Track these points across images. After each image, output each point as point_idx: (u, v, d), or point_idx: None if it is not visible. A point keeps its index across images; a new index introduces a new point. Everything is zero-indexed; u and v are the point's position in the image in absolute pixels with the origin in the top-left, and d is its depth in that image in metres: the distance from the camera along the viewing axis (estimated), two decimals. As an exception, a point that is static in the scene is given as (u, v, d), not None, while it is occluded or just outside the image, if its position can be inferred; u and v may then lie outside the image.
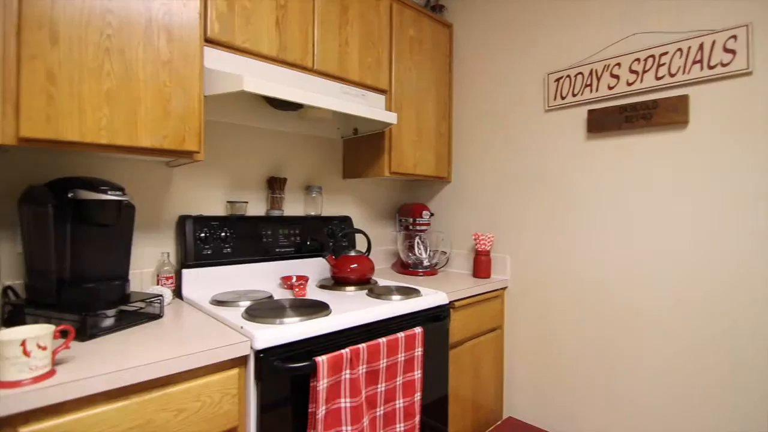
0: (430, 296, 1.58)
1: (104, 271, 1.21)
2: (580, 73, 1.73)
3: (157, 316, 1.24)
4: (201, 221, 1.55)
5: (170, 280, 1.48)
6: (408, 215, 2.18)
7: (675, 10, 1.51)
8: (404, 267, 2.15)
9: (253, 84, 1.27)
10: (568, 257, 1.82)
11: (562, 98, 1.79)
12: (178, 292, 1.52)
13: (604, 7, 1.69)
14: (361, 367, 1.20)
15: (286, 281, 1.67)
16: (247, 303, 1.35)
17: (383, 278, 1.97)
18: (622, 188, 1.65)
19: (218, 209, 1.68)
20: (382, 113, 1.68)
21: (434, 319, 1.57)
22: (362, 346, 1.21)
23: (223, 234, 1.59)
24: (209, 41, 1.33)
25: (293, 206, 1.93)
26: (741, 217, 1.39)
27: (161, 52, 1.19)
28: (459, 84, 2.24)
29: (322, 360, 1.10)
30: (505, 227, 2.04)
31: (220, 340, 1.05)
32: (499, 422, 1.94)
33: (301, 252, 1.83)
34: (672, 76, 1.49)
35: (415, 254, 2.14)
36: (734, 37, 1.37)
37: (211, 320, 1.23)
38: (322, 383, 1.09)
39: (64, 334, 0.90)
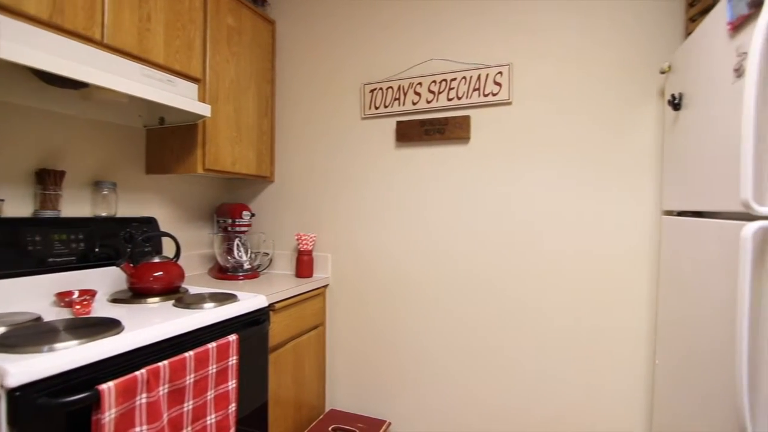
0: (248, 300, 1.51)
1: None
2: (391, 87, 1.91)
3: None
4: None
5: None
6: (226, 216, 2.05)
7: (463, 43, 1.81)
8: (222, 271, 2.01)
9: (6, 49, 1.00)
10: (380, 253, 1.99)
11: (376, 108, 1.95)
12: None
13: (409, 29, 1.91)
14: (162, 388, 1.07)
15: (63, 298, 1.37)
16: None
17: (197, 285, 1.80)
18: (426, 191, 1.89)
19: (-47, 209, 1.27)
20: (191, 103, 1.53)
21: (253, 323, 1.51)
22: (163, 363, 1.08)
23: (-40, 242, 1.20)
24: (-68, -17, 0.99)
25: (76, 206, 1.59)
26: (505, 211, 1.75)
27: None
28: (282, 82, 2.21)
29: (107, 387, 0.93)
30: (327, 227, 2.11)
31: (-54, 384, 0.79)
32: (321, 416, 1.99)
33: (87, 261, 1.53)
34: (459, 99, 1.78)
35: (234, 257, 2.02)
36: (501, 73, 1.72)
37: (-66, 359, 0.92)
38: (109, 414, 0.93)
39: None
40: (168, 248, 1.90)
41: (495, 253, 1.77)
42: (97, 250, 1.56)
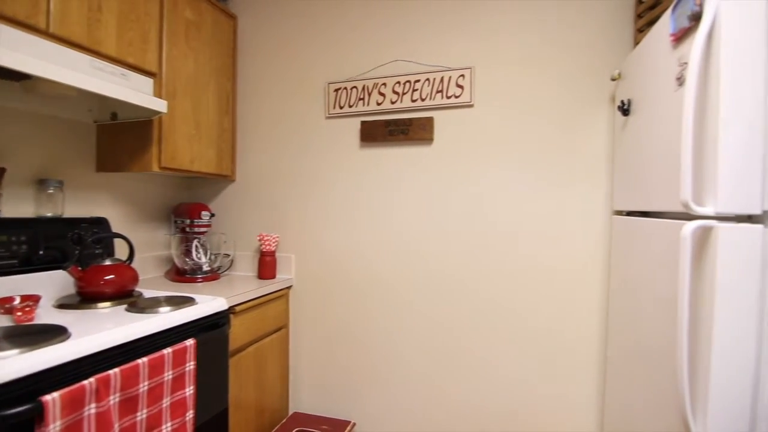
0: (207, 303, 1.47)
1: None
2: (355, 87, 1.91)
3: None
4: None
5: None
6: (184, 216, 1.97)
7: (427, 45, 1.83)
8: (180, 274, 1.94)
9: (-66, 36, 0.92)
10: (350, 253, 1.98)
11: (341, 108, 1.94)
12: None
13: (374, 29, 1.91)
14: (112, 397, 1.02)
15: (3, 304, 1.27)
16: (-74, 340, 0.97)
17: (152, 289, 1.73)
18: (392, 191, 1.90)
19: None
20: (146, 98, 1.46)
21: (212, 327, 1.47)
22: (114, 371, 1.03)
23: None
24: None
25: (18, 206, 1.48)
26: (468, 212, 1.79)
27: None
28: (244, 79, 2.16)
29: (51, 398, 0.88)
30: (291, 227, 2.08)
31: None
32: (284, 420, 1.95)
33: (30, 264, 1.43)
34: (423, 100, 1.80)
35: (193, 259, 1.95)
36: (463, 76, 1.76)
37: None
38: (53, 427, 0.88)
39: None
40: (121, 250, 1.81)
41: (460, 253, 1.80)
42: (41, 252, 1.46)
